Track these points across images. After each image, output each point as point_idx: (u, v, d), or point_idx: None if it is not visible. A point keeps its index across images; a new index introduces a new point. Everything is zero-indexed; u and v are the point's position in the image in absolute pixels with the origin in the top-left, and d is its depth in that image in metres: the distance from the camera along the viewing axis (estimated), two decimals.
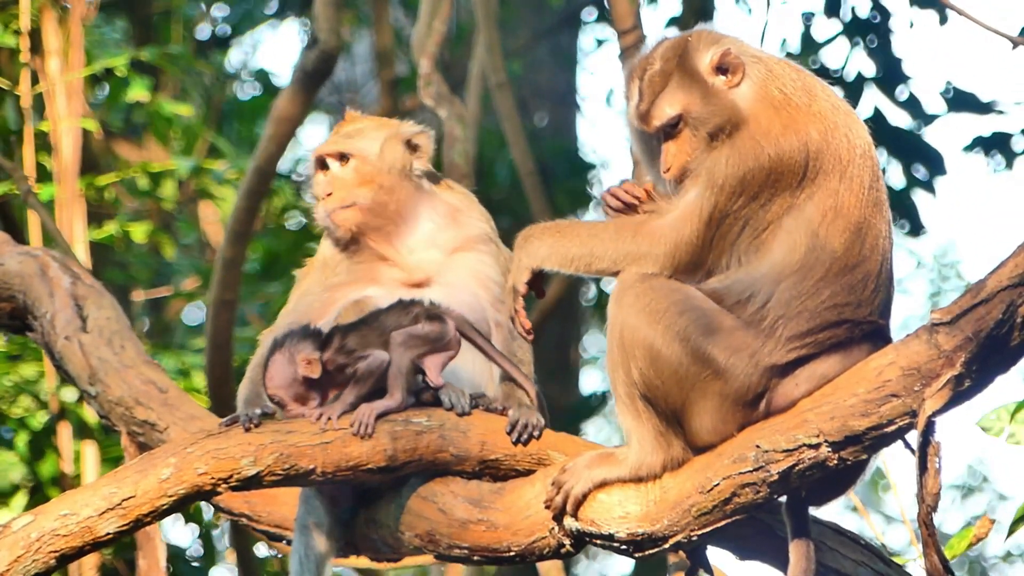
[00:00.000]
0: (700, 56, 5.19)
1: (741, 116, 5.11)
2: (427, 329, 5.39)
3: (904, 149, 11.86)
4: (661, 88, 5.20)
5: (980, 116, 12.04)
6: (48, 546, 5.15)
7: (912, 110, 11.90)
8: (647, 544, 5.16)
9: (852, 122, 5.18)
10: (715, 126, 5.12)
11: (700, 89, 5.16)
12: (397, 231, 5.72)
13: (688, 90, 5.17)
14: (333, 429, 5.30)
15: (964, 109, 12.03)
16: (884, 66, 11.84)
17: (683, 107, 5.17)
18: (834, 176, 5.09)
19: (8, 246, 6.68)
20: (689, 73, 5.18)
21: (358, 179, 5.71)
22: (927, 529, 4.89)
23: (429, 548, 5.42)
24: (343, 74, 16.91)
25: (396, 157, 5.73)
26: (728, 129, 5.11)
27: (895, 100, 11.87)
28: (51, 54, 9.91)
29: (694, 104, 5.16)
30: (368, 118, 5.88)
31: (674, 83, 5.19)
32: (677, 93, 5.18)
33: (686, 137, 5.18)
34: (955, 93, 11.98)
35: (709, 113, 5.14)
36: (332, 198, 5.71)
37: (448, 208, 5.79)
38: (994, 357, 4.79)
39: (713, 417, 5.07)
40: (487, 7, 11.35)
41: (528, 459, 5.41)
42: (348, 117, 5.86)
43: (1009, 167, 11.87)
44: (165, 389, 6.30)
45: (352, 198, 5.69)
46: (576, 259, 5.23)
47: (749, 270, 5.09)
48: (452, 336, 5.41)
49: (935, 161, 11.97)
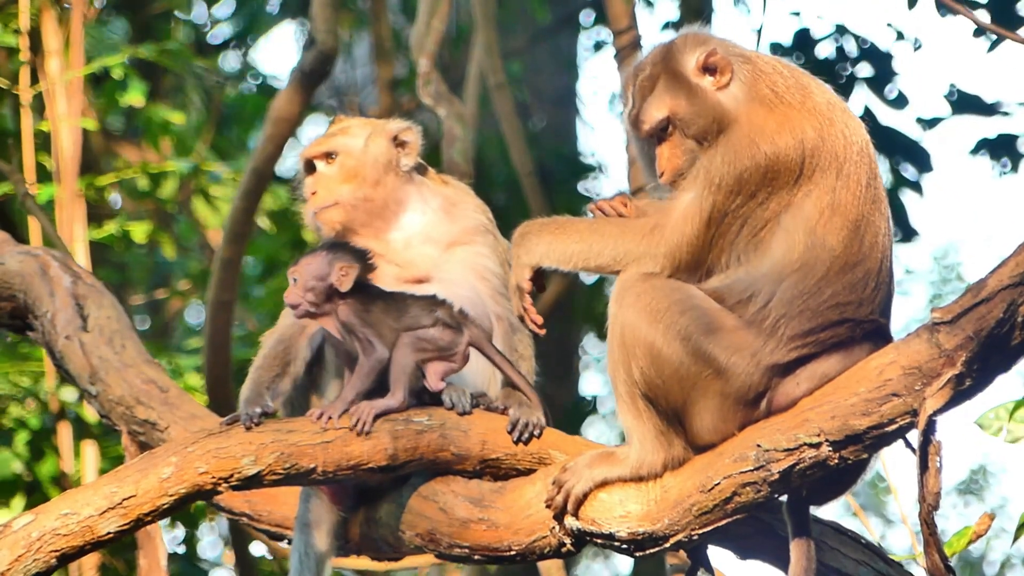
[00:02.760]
0: (686, 58, 5.20)
1: (730, 116, 5.11)
2: (437, 336, 5.38)
3: (890, 146, 11.87)
4: (649, 92, 5.21)
5: (985, 118, 12.04)
6: (49, 545, 5.14)
7: (900, 107, 11.90)
8: (648, 543, 5.17)
9: (848, 118, 5.18)
10: (703, 127, 5.13)
11: (686, 91, 5.17)
12: (387, 226, 5.70)
13: (675, 93, 5.18)
14: (334, 428, 5.29)
15: (968, 111, 12.02)
16: (874, 64, 11.84)
17: (670, 110, 5.18)
18: (831, 173, 5.09)
19: (8, 245, 6.68)
20: (675, 76, 5.19)
21: (342, 175, 5.69)
22: (928, 528, 4.89)
23: (430, 547, 5.42)
24: (343, 76, 16.91)
25: (380, 151, 5.71)
26: (717, 129, 5.11)
27: (884, 98, 11.88)
28: (51, 54, 9.91)
29: (681, 106, 5.17)
30: (355, 119, 5.88)
31: (661, 86, 5.20)
32: (664, 96, 5.19)
33: (676, 140, 5.19)
34: (959, 95, 11.98)
35: (695, 114, 5.14)
36: (316, 197, 5.69)
37: (442, 201, 5.78)
38: (995, 356, 4.80)
39: (714, 416, 5.07)
40: (486, 7, 11.36)
41: (529, 458, 5.41)
42: (336, 120, 5.86)
43: (1015, 170, 11.86)
44: (166, 388, 6.30)
45: (335, 196, 5.67)
46: (575, 256, 5.24)
47: (749, 269, 5.09)
48: (461, 350, 5.40)
49: (921, 158, 11.97)
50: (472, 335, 5.40)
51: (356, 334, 5.37)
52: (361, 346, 5.37)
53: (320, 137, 5.79)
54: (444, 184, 5.83)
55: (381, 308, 5.39)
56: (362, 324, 5.37)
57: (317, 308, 5.39)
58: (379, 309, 5.39)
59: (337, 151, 5.72)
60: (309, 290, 5.39)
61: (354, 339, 5.38)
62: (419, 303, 5.42)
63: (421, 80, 10.09)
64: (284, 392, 5.51)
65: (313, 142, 5.79)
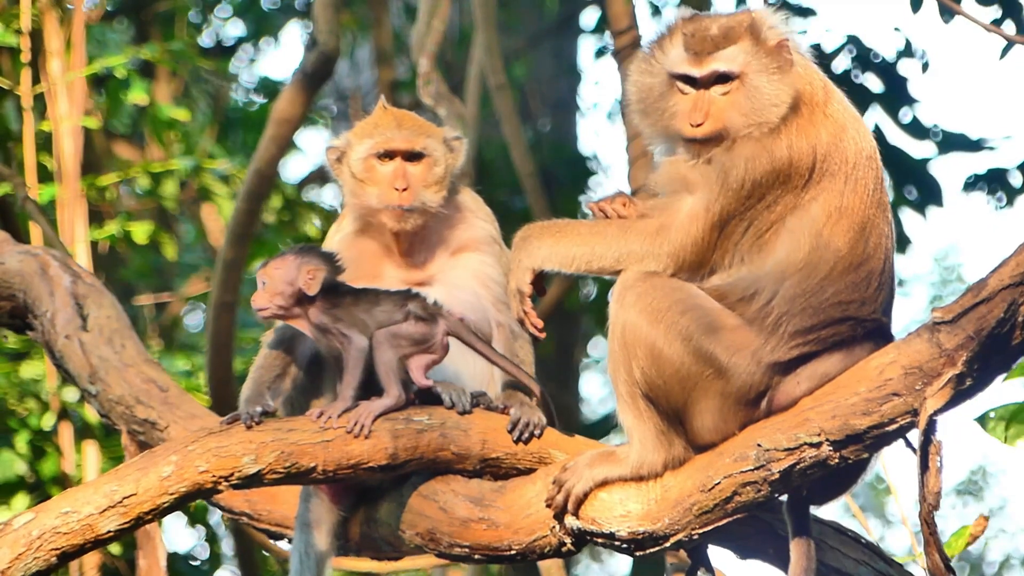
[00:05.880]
0: (771, 33, 5.15)
1: (790, 102, 5.08)
2: (411, 330, 5.37)
3: (901, 172, 11.88)
4: (729, 43, 5.14)
5: (972, 154, 12.08)
6: (49, 544, 5.14)
7: (915, 133, 11.91)
8: (648, 543, 5.16)
9: (859, 125, 5.20)
10: (762, 102, 5.08)
11: (761, 63, 5.13)
12: (431, 232, 5.71)
13: (755, 56, 5.13)
14: (333, 428, 5.29)
15: (954, 150, 12.06)
16: (888, 85, 11.84)
17: (745, 67, 5.13)
18: (840, 178, 5.10)
19: (8, 245, 6.67)
20: (759, 42, 5.15)
21: (430, 179, 5.66)
22: (928, 528, 4.89)
23: (430, 547, 5.42)
24: (348, 80, 16.93)
25: (451, 160, 5.72)
26: (776, 110, 5.07)
27: (898, 122, 11.88)
28: (52, 54, 9.92)
29: (754, 71, 5.12)
30: (412, 115, 5.81)
31: (744, 44, 5.14)
32: (742, 55, 5.13)
33: (732, 101, 5.13)
34: (943, 135, 12.02)
35: (761, 86, 5.09)
36: (407, 194, 5.64)
37: (456, 208, 5.78)
38: (995, 356, 4.80)
39: (714, 416, 5.07)
40: (486, 8, 11.36)
41: (529, 457, 5.41)
42: (390, 110, 5.77)
43: (1011, 204, 11.87)
44: (165, 388, 6.29)
45: (421, 198, 5.64)
46: (577, 258, 5.23)
47: (752, 268, 5.09)
48: (438, 340, 5.39)
49: (933, 191, 11.98)
50: (449, 324, 5.39)
51: (331, 331, 5.38)
52: (339, 342, 5.37)
53: (408, 132, 5.68)
54: (458, 191, 5.83)
55: (351, 304, 5.40)
56: (334, 321, 5.38)
57: (286, 311, 5.40)
58: (349, 304, 5.40)
59: (428, 153, 5.68)
60: (277, 294, 5.39)
61: (331, 337, 5.39)
62: (391, 298, 5.42)
63: (421, 80, 10.10)
64: (284, 392, 5.51)
65: (401, 134, 5.68)
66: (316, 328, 5.40)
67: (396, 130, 5.68)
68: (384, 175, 5.65)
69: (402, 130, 5.68)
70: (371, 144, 5.67)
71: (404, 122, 5.71)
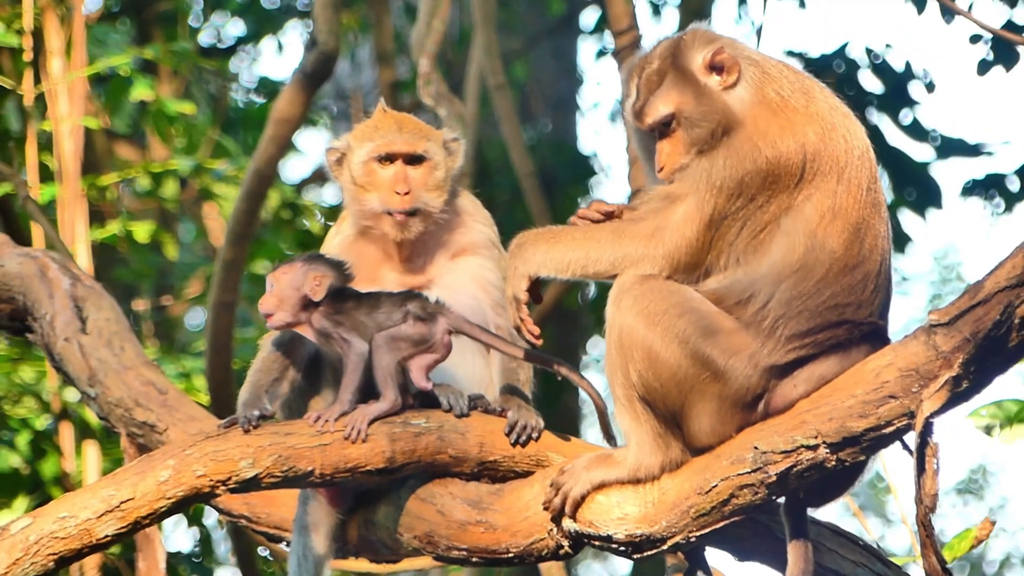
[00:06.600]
0: (694, 55, 5.18)
1: (736, 118, 5.11)
2: (410, 331, 5.38)
3: (901, 174, 11.87)
4: (656, 86, 5.20)
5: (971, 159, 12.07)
6: (46, 548, 5.13)
7: (915, 134, 11.90)
8: (645, 545, 5.17)
9: (850, 123, 5.18)
10: (707, 127, 5.12)
11: (693, 89, 5.16)
12: (432, 237, 5.71)
13: (682, 89, 5.17)
14: (330, 432, 5.29)
15: (953, 154, 12.05)
16: (889, 85, 11.84)
17: (676, 106, 5.17)
18: (832, 177, 5.09)
19: (8, 247, 6.68)
20: (683, 72, 5.18)
21: (431, 183, 5.65)
22: (925, 530, 4.89)
23: (428, 549, 5.42)
24: (348, 80, 16.93)
25: (451, 163, 5.71)
26: (721, 131, 5.10)
27: (898, 124, 11.88)
28: (53, 54, 9.93)
29: (687, 103, 5.16)
30: (412, 118, 5.80)
31: (668, 82, 5.19)
32: (671, 92, 5.18)
33: (679, 137, 5.18)
34: (942, 140, 12.00)
35: (701, 114, 5.13)
36: (408, 198, 5.62)
37: (455, 212, 5.78)
38: (992, 358, 4.79)
39: (712, 419, 5.07)
40: (486, 8, 11.35)
41: (527, 460, 5.41)
42: (390, 113, 5.76)
43: (1009, 210, 11.87)
44: (164, 390, 6.30)
45: (422, 202, 5.63)
46: (573, 263, 5.22)
47: (748, 270, 5.09)
48: (439, 339, 5.39)
49: (933, 193, 11.97)
50: (450, 320, 5.39)
51: (332, 336, 5.39)
52: (339, 346, 5.38)
53: (408, 135, 5.67)
54: (457, 194, 5.82)
55: (353, 307, 5.41)
56: (335, 326, 5.39)
57: (293, 317, 5.41)
58: (351, 308, 5.41)
59: (429, 156, 5.67)
60: (284, 299, 5.41)
61: (332, 342, 5.39)
62: (391, 299, 5.42)
63: (421, 80, 10.10)
64: (282, 395, 5.51)
65: (405, 136, 5.66)
66: (319, 333, 5.41)
67: (397, 133, 5.68)
68: (385, 179, 5.65)
69: (403, 133, 5.67)
70: (372, 147, 5.67)
71: (404, 125, 5.71)
